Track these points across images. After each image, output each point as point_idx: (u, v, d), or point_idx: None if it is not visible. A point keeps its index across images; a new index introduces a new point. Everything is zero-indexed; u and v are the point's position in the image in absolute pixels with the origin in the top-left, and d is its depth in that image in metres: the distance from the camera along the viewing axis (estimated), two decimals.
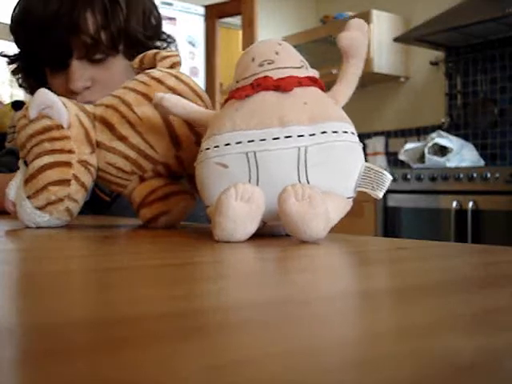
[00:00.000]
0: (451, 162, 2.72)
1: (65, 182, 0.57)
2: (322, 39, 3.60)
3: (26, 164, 0.58)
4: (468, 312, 0.20)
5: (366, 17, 3.31)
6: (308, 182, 0.44)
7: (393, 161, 3.42)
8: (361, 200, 3.09)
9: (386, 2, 3.49)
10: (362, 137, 3.63)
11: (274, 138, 0.44)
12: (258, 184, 0.44)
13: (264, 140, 0.44)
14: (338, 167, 0.45)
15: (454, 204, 2.51)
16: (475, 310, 0.20)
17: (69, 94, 0.86)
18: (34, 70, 0.95)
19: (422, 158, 2.82)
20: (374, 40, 3.29)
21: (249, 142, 0.44)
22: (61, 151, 0.58)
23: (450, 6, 2.94)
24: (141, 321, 0.18)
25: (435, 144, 2.80)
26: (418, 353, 0.15)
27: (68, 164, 0.58)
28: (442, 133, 2.86)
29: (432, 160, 2.75)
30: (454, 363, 0.14)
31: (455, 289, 0.25)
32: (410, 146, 2.94)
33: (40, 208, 0.57)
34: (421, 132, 3.35)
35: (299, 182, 0.43)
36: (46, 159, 0.57)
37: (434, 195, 2.62)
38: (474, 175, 2.46)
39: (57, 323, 0.17)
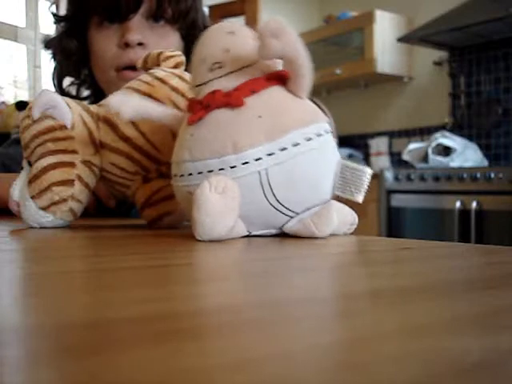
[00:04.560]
0: (455, 162, 2.72)
1: (68, 183, 0.57)
2: (325, 39, 3.60)
3: (30, 164, 0.59)
4: (473, 312, 0.20)
5: (369, 17, 3.31)
6: (279, 202, 0.43)
7: (396, 161, 3.41)
8: (364, 200, 3.09)
9: (390, 1, 3.49)
10: (366, 137, 3.63)
11: (232, 167, 0.42)
12: None
13: (222, 169, 0.42)
14: (304, 183, 0.43)
15: (458, 204, 2.50)
16: (480, 310, 0.20)
17: (121, 47, 0.89)
18: (78, 30, 0.95)
19: (425, 158, 2.82)
20: (377, 40, 3.28)
21: (209, 171, 0.43)
22: (64, 151, 0.58)
23: (453, 6, 2.93)
24: (139, 321, 0.18)
25: (439, 144, 2.79)
26: (423, 353, 0.14)
27: (71, 164, 0.58)
28: (446, 133, 2.85)
29: (436, 160, 2.74)
30: (458, 363, 0.14)
31: (460, 289, 0.25)
32: (413, 146, 2.93)
33: (44, 208, 0.57)
34: (424, 132, 3.34)
35: (270, 204, 0.43)
36: (50, 159, 0.57)
37: (437, 195, 2.62)
38: (478, 175, 2.45)
39: (57, 323, 0.17)
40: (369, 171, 0.45)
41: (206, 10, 1.01)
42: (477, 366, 0.14)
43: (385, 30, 3.32)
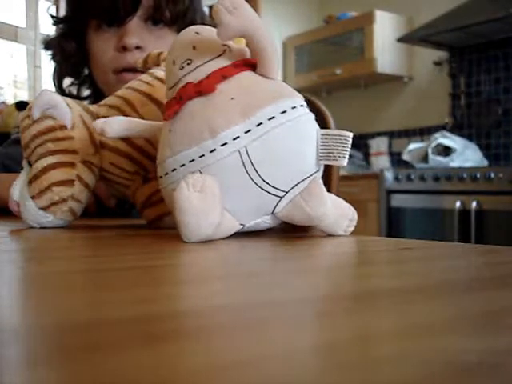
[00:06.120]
0: (455, 162, 2.72)
1: (68, 183, 0.57)
2: (325, 39, 3.60)
3: (30, 164, 0.59)
4: (473, 312, 0.20)
5: (369, 17, 3.32)
6: (263, 180, 0.42)
7: (396, 161, 3.41)
8: (364, 200, 3.09)
9: (390, 2, 3.49)
10: (366, 137, 3.63)
11: (211, 151, 0.42)
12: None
13: (203, 156, 0.42)
14: (286, 155, 0.43)
15: (458, 204, 2.50)
16: (480, 310, 0.20)
17: (118, 50, 0.89)
18: (77, 32, 0.95)
19: (425, 158, 2.82)
20: (377, 40, 3.29)
21: (190, 161, 0.43)
22: (64, 152, 0.58)
23: (453, 6, 2.93)
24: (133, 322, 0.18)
25: (439, 144, 2.79)
26: (422, 353, 0.14)
27: (71, 164, 0.58)
28: (446, 133, 2.85)
29: (435, 160, 2.74)
30: (458, 363, 0.14)
31: (460, 289, 0.25)
32: (413, 146, 2.94)
33: (44, 208, 0.57)
34: (424, 132, 3.35)
35: (255, 184, 0.42)
36: (50, 160, 0.57)
37: (437, 195, 2.62)
38: (478, 175, 2.45)
39: (57, 323, 0.17)
40: (350, 134, 0.45)
41: (206, 9, 1.01)
42: (476, 366, 0.14)
43: (385, 29, 3.32)
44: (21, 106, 1.62)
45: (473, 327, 0.18)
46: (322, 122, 1.02)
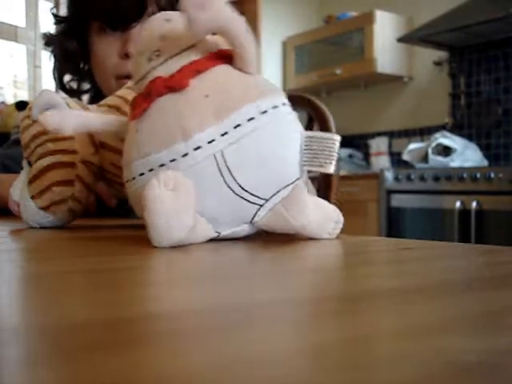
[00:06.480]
0: (455, 162, 2.72)
1: (68, 183, 0.57)
2: (325, 39, 3.60)
3: (30, 164, 0.59)
4: (473, 312, 0.20)
5: (369, 17, 3.32)
6: (241, 187, 0.38)
7: (396, 161, 3.41)
8: (364, 200, 3.09)
9: (390, 2, 3.49)
10: (366, 137, 3.63)
11: (184, 155, 0.38)
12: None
13: (174, 160, 0.38)
14: (266, 160, 0.39)
15: (458, 204, 2.50)
16: (480, 310, 0.20)
17: (122, 57, 0.88)
18: (78, 32, 0.95)
19: (425, 158, 2.82)
20: (377, 40, 3.29)
21: (160, 166, 0.39)
22: (64, 151, 0.58)
23: (453, 6, 2.93)
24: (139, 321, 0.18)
25: (439, 144, 2.79)
26: (422, 353, 0.14)
27: (72, 164, 0.58)
28: (446, 133, 2.85)
29: (435, 160, 2.74)
30: (458, 363, 0.14)
31: (460, 289, 0.25)
32: (413, 146, 2.94)
33: (44, 208, 0.57)
34: (424, 132, 3.34)
35: (232, 191, 0.38)
36: (50, 159, 0.57)
37: (437, 195, 2.62)
38: (478, 175, 2.45)
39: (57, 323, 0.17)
40: (337, 138, 0.41)
41: None
42: (476, 366, 0.14)
43: (385, 29, 3.32)
44: (21, 105, 1.62)
45: (473, 327, 0.18)
46: (322, 122, 1.02)
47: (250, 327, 0.17)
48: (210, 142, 0.38)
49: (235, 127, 0.38)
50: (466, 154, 2.78)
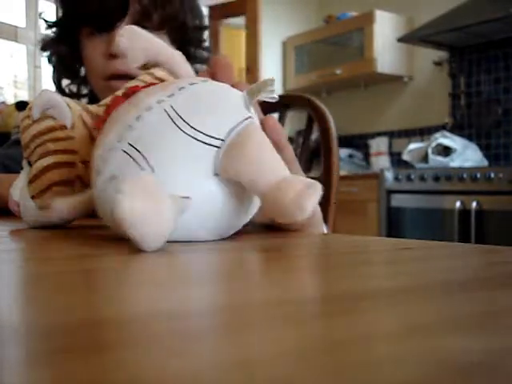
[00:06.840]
0: (455, 162, 2.72)
1: (68, 183, 0.57)
2: (325, 39, 3.60)
3: (30, 164, 0.59)
4: (473, 312, 0.20)
5: (369, 17, 3.32)
6: (193, 128, 0.40)
7: (396, 161, 3.41)
8: (364, 200, 3.09)
9: (390, 2, 3.49)
10: (366, 137, 3.63)
11: (137, 118, 0.41)
12: (154, 171, 0.39)
13: (129, 127, 0.41)
14: (213, 100, 0.43)
15: (458, 204, 2.51)
16: (480, 310, 0.20)
17: (107, 57, 0.89)
18: (70, 36, 0.96)
19: (425, 158, 2.82)
20: (377, 40, 3.29)
21: (118, 142, 0.42)
22: (64, 152, 0.58)
23: (453, 6, 2.94)
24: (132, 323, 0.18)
25: (439, 144, 2.79)
26: (422, 353, 0.14)
27: (72, 164, 0.58)
28: (446, 133, 2.85)
29: (435, 160, 2.75)
30: (458, 364, 0.14)
31: (460, 289, 0.25)
32: (413, 146, 2.94)
33: (44, 208, 0.57)
34: (424, 132, 3.35)
35: (185, 133, 0.40)
36: (50, 159, 0.57)
37: (437, 195, 2.62)
38: (478, 175, 2.45)
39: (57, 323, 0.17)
40: (272, 77, 0.44)
41: (205, 10, 1.01)
42: (476, 366, 0.14)
43: (385, 29, 3.32)
44: (21, 105, 1.62)
45: (473, 327, 0.18)
46: (322, 122, 1.02)
47: (250, 327, 0.17)
48: (158, 102, 0.42)
49: (180, 89, 0.43)
50: (466, 154, 2.79)
